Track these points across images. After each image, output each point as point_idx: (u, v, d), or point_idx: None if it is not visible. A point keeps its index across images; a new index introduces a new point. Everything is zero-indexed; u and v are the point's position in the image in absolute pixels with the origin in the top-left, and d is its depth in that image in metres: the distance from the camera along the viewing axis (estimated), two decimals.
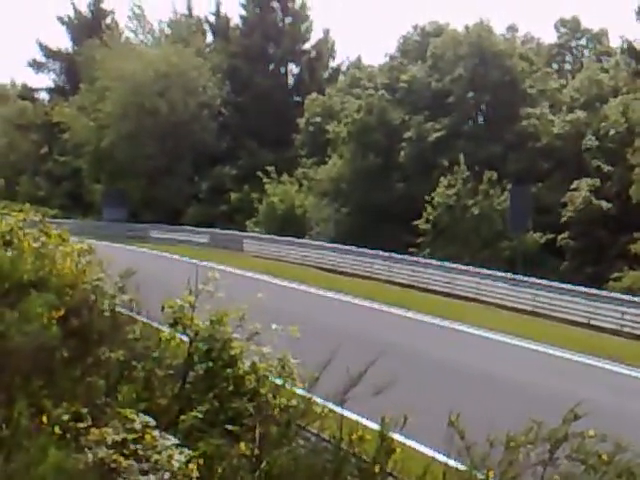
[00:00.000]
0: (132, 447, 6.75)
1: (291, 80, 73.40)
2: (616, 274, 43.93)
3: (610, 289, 38.08)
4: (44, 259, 10.63)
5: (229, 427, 7.92)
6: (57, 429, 6.91)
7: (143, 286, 10.24)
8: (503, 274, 35.14)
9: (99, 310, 9.74)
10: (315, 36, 73.60)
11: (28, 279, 9.88)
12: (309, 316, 24.14)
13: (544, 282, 33.34)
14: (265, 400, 8.35)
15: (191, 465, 6.63)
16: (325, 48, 73.73)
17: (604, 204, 47.73)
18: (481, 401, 16.55)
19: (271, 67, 72.01)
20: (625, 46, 54.31)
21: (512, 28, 65.75)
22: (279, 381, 8.66)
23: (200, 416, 7.98)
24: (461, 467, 6.76)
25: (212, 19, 76.34)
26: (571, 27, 67.02)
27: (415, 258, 41.87)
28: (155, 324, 9.89)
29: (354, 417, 8.01)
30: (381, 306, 31.11)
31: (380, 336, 22.92)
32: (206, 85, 67.86)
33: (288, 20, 72.03)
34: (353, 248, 42.64)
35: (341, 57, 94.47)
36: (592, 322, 30.05)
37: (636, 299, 30.33)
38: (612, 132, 49.27)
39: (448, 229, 50.07)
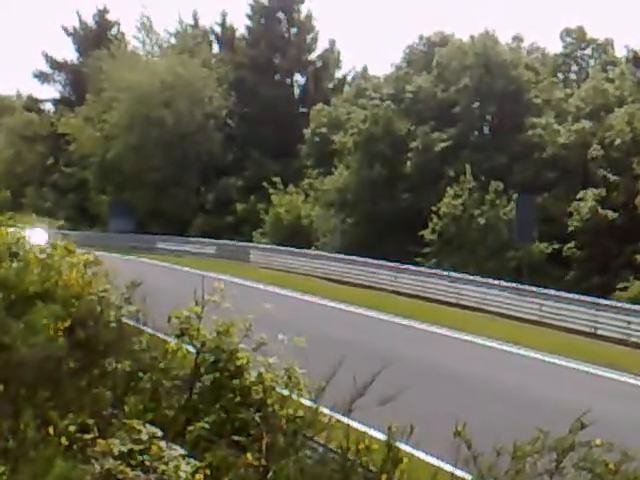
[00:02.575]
0: (139, 458, 6.75)
1: (297, 90, 73.43)
2: (622, 284, 43.85)
3: (616, 299, 38.01)
4: (50, 270, 10.65)
5: (236, 438, 7.93)
6: (64, 440, 6.91)
7: (149, 297, 10.25)
8: (509, 284, 35.11)
9: (105, 321, 9.75)
10: (321, 46, 73.80)
11: (34, 290, 9.91)
12: (314, 327, 24.15)
13: (550, 292, 33.31)
14: (272, 410, 8.35)
15: (198, 476, 6.63)
16: (331, 58, 73.81)
17: (610, 214, 47.65)
18: (485, 410, 16.55)
19: (277, 77, 72.08)
20: (630, 56, 54.37)
21: (517, 38, 65.63)
22: (286, 392, 8.66)
23: (207, 427, 7.99)
24: (468, 477, 6.76)
25: (218, 30, 76.52)
26: (576, 37, 66.98)
27: (421, 268, 41.85)
28: (162, 335, 9.89)
29: (361, 427, 8.01)
30: (388, 316, 31.10)
31: (386, 347, 22.90)
32: (212, 96, 67.95)
33: (294, 31, 72.09)
34: (359, 258, 42.60)
35: (347, 67, 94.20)
36: (598, 332, 30.02)
37: None
38: (618, 142, 49.23)
39: (454, 239, 50.05)
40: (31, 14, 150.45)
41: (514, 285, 34.88)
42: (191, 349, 9.19)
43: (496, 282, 35.54)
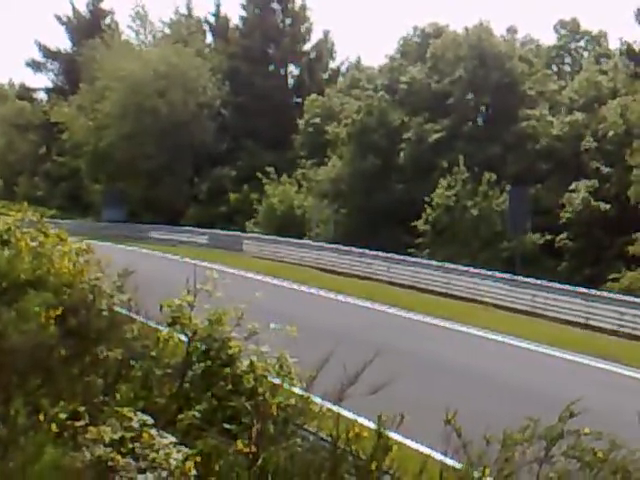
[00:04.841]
0: (130, 446, 6.76)
1: (291, 81, 73.41)
2: (614, 275, 43.96)
3: (608, 289, 38.09)
4: (42, 258, 10.63)
5: (227, 426, 7.93)
6: (54, 427, 6.91)
7: (142, 286, 10.25)
8: (502, 275, 35.14)
9: (97, 309, 9.74)
10: (315, 37, 73.82)
11: (26, 278, 9.89)
12: (307, 317, 24.16)
13: (542, 283, 33.35)
14: (263, 399, 8.35)
15: (188, 463, 6.64)
16: (325, 49, 73.77)
17: (602, 205, 47.76)
18: (477, 400, 16.60)
19: (271, 68, 72.00)
20: (624, 48, 54.43)
21: (512, 30, 65.81)
22: (277, 380, 8.67)
23: (198, 415, 8.00)
24: (458, 465, 6.78)
25: (212, 20, 76.46)
26: (570, 29, 67.12)
27: (415, 259, 41.85)
28: (153, 324, 9.90)
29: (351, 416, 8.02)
30: (381, 307, 31.13)
31: (379, 337, 22.92)
32: (206, 85, 67.83)
33: (288, 21, 72.03)
34: (352, 249, 42.58)
35: (341, 58, 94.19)
36: (590, 322, 30.07)
37: (634, 299, 30.35)
38: (611, 133, 49.32)
39: (447, 230, 50.10)
40: (24, 2, 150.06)
41: (507, 276, 34.92)
42: (183, 338, 9.20)
43: (489, 273, 35.58)
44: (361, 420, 7.79)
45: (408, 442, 10.44)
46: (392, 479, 7.18)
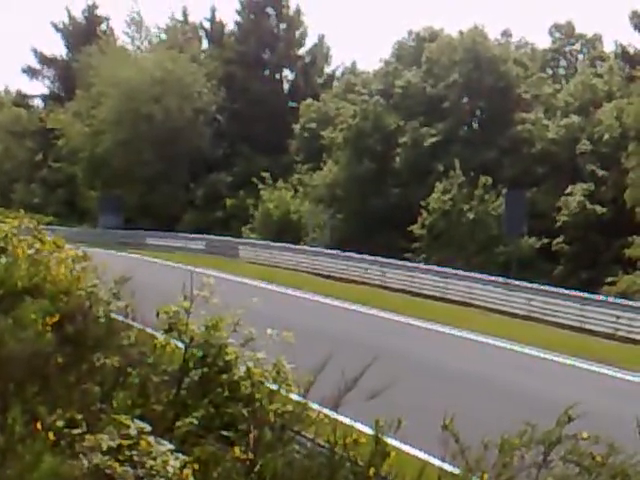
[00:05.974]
0: (127, 453, 6.73)
1: (286, 86, 73.40)
2: (611, 278, 43.98)
3: (605, 293, 38.07)
4: (38, 266, 10.61)
5: (224, 433, 7.92)
6: (52, 435, 6.90)
7: (138, 293, 10.23)
8: (497, 279, 35.11)
9: (94, 316, 9.72)
10: (310, 42, 73.81)
11: (22, 286, 9.87)
12: (302, 322, 24.14)
13: (538, 286, 33.34)
14: (260, 405, 8.35)
15: (186, 470, 6.63)
16: (320, 54, 73.81)
17: (598, 208, 47.82)
18: (472, 404, 16.60)
19: (266, 73, 72.03)
20: (619, 51, 54.53)
21: (506, 33, 65.95)
22: (274, 386, 8.66)
23: (195, 422, 7.99)
24: (456, 470, 6.77)
25: (207, 25, 76.39)
26: (565, 32, 67.16)
27: (409, 263, 41.83)
28: (150, 330, 9.87)
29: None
30: (376, 311, 31.10)
31: (375, 341, 22.91)
32: (201, 91, 67.84)
33: (283, 26, 72.07)
34: (349, 254, 42.54)
35: (336, 63, 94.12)
36: (586, 326, 30.04)
37: (630, 303, 30.38)
38: (606, 137, 49.39)
39: (443, 234, 50.12)
40: (20, 9, 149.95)
41: (503, 280, 34.89)
42: (179, 344, 9.18)
43: (484, 277, 35.55)
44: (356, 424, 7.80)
45: (403, 447, 10.42)
46: None
